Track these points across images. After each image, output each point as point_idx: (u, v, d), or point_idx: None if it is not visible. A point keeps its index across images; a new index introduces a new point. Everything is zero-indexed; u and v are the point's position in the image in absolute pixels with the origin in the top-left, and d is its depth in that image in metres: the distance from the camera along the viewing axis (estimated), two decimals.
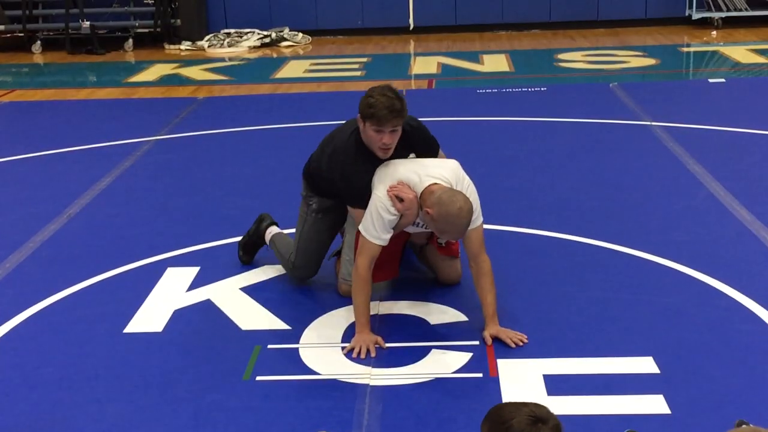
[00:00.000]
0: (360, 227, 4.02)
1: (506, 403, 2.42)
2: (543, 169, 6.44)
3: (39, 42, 12.88)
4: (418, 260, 4.67)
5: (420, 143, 4.25)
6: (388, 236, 3.98)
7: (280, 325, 4.21)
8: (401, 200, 3.94)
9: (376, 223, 3.95)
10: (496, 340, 3.94)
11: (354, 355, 3.88)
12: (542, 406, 2.38)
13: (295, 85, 9.99)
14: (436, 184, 3.94)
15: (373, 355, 3.87)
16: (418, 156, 4.25)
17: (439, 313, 4.24)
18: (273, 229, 4.81)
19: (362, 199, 4.08)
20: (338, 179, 4.20)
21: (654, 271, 4.65)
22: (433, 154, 4.34)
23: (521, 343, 3.92)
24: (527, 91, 9.06)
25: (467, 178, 4.10)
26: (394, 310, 4.29)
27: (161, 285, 4.68)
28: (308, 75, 10.64)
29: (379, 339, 3.96)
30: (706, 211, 5.48)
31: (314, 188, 4.49)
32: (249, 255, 4.89)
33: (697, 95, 8.86)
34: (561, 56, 11.21)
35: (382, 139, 4.00)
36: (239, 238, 4.97)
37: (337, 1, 13.21)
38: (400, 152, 4.15)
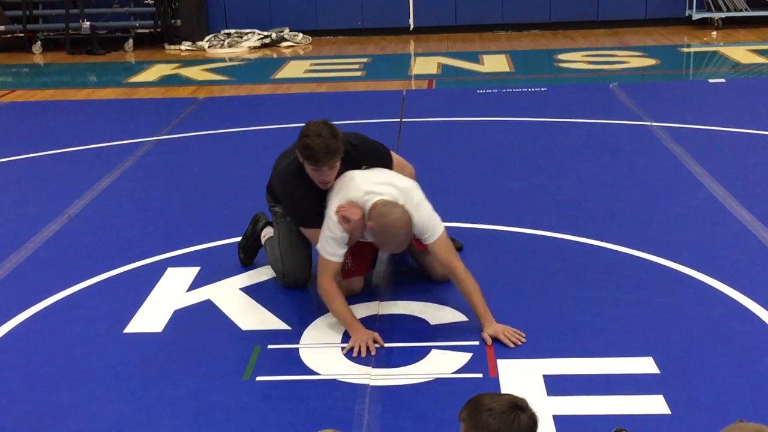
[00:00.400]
0: (317, 246, 4.15)
1: (485, 393, 2.49)
2: (543, 169, 6.44)
3: (39, 42, 12.88)
4: (414, 260, 4.68)
5: (366, 160, 4.31)
6: (343, 251, 4.11)
7: (280, 325, 4.21)
8: (348, 220, 4.03)
9: (330, 241, 4.08)
10: (495, 340, 3.95)
11: (354, 354, 3.89)
12: (521, 397, 2.45)
13: (295, 86, 9.99)
14: (381, 199, 4.03)
15: (373, 352, 3.89)
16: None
17: (439, 313, 4.24)
18: (268, 231, 4.82)
19: (308, 221, 4.29)
20: (287, 203, 4.40)
21: (654, 271, 4.65)
22: (386, 165, 4.38)
23: (519, 343, 3.93)
24: (527, 91, 9.06)
25: (419, 196, 4.15)
26: (394, 310, 4.29)
27: (161, 285, 4.68)
28: (308, 75, 10.64)
29: (376, 335, 3.97)
30: (706, 211, 5.48)
31: (275, 200, 4.60)
32: (249, 257, 4.89)
33: (697, 95, 8.86)
34: (561, 56, 11.21)
35: (322, 177, 4.14)
36: (239, 239, 4.97)
37: (337, 2, 13.22)
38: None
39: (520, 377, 3.67)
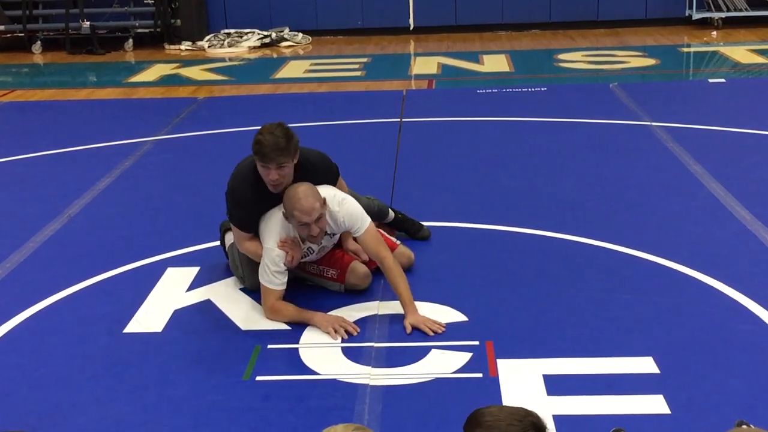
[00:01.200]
0: (261, 280, 4.26)
1: (498, 414, 2.20)
2: (543, 169, 6.44)
3: (39, 42, 12.87)
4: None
5: (320, 180, 4.37)
6: (286, 278, 4.27)
7: (280, 325, 4.21)
8: (292, 258, 4.26)
9: (275, 274, 4.22)
10: (416, 329, 4.05)
11: (335, 337, 4.00)
12: (537, 416, 2.21)
13: (295, 85, 9.99)
14: None
15: (354, 331, 4.03)
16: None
17: (439, 313, 4.23)
18: (229, 237, 4.83)
19: (241, 223, 4.36)
20: (229, 196, 4.40)
21: (654, 271, 4.65)
22: (333, 182, 4.52)
23: (439, 332, 4.03)
24: (527, 91, 9.06)
25: (343, 195, 4.33)
26: (394, 310, 4.29)
27: (161, 285, 4.68)
28: (308, 75, 10.64)
29: (341, 317, 4.15)
30: (706, 211, 5.48)
31: None
32: None
33: (697, 95, 8.86)
34: (561, 56, 11.21)
35: (269, 176, 4.19)
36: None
37: (337, 1, 13.21)
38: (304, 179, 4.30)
39: (520, 377, 3.67)
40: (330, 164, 4.52)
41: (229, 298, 4.51)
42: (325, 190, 4.26)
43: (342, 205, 4.27)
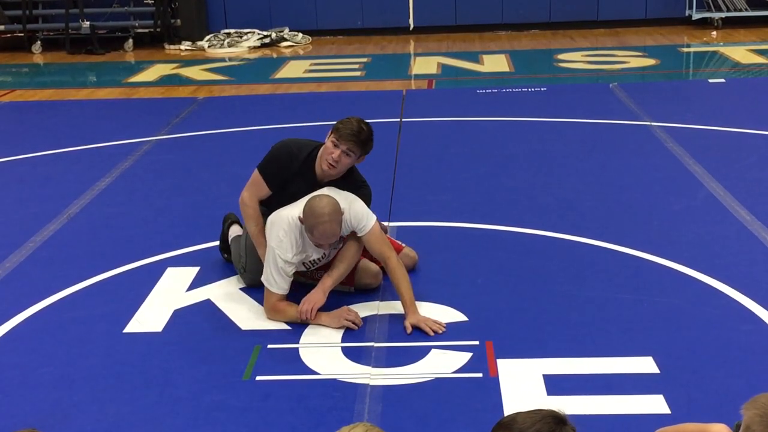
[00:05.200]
0: (264, 282, 4.25)
1: (525, 411, 2.40)
2: (543, 169, 6.44)
3: (39, 42, 12.88)
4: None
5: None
6: (288, 285, 4.23)
7: (280, 325, 4.21)
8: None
9: (278, 277, 4.19)
10: (417, 329, 4.05)
11: (343, 325, 4.09)
12: (561, 414, 2.39)
13: (295, 85, 9.99)
14: None
15: (359, 322, 4.11)
16: None
17: (439, 313, 4.24)
18: (234, 229, 4.84)
19: (265, 168, 4.46)
20: (276, 146, 4.49)
21: (654, 271, 4.65)
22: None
23: (440, 332, 4.03)
24: (527, 91, 9.06)
25: (355, 198, 4.32)
26: (394, 310, 4.29)
27: (161, 285, 4.68)
28: (308, 75, 10.64)
29: (345, 308, 4.20)
30: (706, 211, 5.48)
31: None
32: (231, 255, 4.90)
33: (697, 95, 8.87)
34: (561, 56, 11.21)
35: (332, 153, 4.26)
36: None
37: (337, 2, 13.22)
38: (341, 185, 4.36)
39: (520, 377, 3.67)
40: (367, 195, 4.47)
41: (229, 298, 4.51)
42: (333, 192, 4.24)
43: (352, 204, 4.24)
